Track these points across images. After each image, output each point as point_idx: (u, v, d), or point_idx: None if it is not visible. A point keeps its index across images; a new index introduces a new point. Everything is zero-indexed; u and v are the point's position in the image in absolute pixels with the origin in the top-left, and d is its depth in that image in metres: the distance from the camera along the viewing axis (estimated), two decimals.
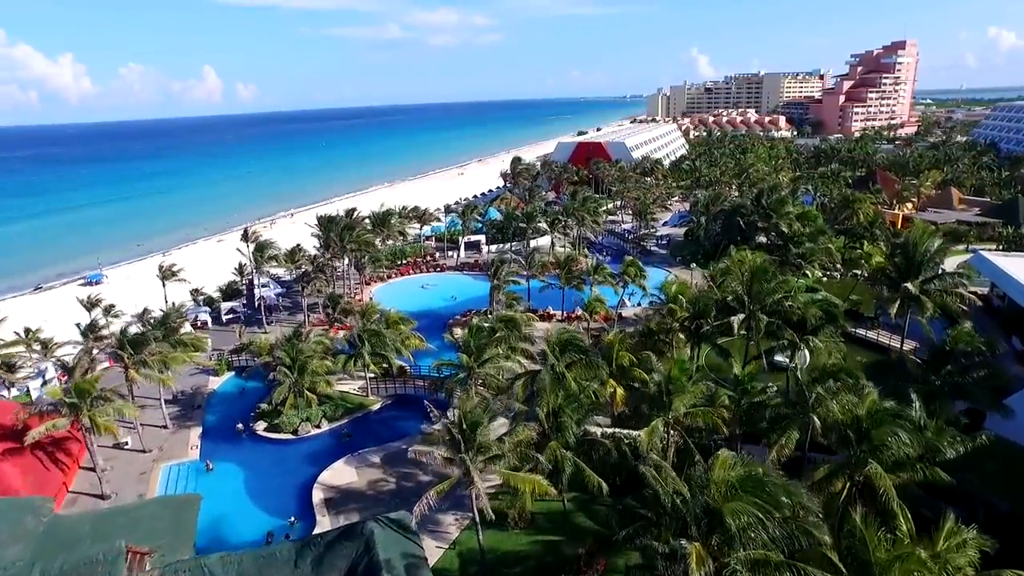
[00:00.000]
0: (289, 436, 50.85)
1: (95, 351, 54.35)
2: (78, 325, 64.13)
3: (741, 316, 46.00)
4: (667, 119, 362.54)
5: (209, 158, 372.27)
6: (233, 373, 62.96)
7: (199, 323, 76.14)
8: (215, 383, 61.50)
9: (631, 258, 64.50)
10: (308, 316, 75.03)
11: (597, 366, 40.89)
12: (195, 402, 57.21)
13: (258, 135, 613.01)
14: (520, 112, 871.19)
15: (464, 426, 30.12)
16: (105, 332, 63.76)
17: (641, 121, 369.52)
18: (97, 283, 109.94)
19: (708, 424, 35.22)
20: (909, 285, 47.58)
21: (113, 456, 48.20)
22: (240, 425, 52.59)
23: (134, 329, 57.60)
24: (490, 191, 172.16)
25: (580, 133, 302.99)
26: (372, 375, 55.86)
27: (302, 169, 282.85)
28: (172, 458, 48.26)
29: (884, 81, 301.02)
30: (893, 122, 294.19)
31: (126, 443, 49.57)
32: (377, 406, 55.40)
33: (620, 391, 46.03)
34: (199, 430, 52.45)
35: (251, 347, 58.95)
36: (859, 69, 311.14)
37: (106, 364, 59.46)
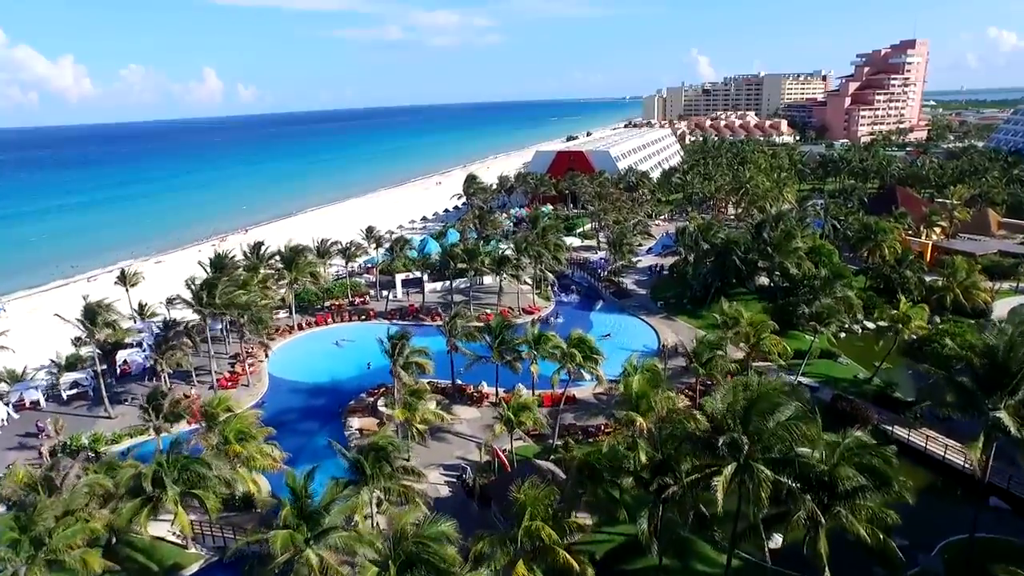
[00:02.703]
0: None
1: None
2: None
3: (731, 468, 28.09)
4: (663, 122, 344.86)
5: (198, 162, 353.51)
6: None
7: (27, 404, 57.77)
8: None
9: (579, 334, 46.26)
10: (172, 390, 57.19)
11: None
12: None
13: (256, 137, 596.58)
14: (520, 113, 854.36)
15: None
16: None
17: (636, 125, 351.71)
18: None
19: None
20: (1002, 415, 29.23)
21: None
22: None
23: None
24: (466, 204, 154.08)
25: (570, 138, 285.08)
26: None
27: (290, 175, 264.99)
28: None
29: (892, 82, 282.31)
30: (902, 126, 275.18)
31: None
32: (196, 567, 37.51)
33: None
34: None
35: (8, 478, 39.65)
36: (866, 70, 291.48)
37: None
